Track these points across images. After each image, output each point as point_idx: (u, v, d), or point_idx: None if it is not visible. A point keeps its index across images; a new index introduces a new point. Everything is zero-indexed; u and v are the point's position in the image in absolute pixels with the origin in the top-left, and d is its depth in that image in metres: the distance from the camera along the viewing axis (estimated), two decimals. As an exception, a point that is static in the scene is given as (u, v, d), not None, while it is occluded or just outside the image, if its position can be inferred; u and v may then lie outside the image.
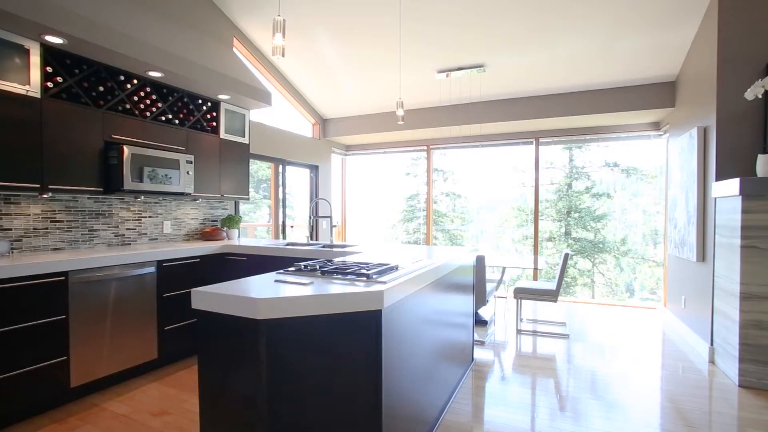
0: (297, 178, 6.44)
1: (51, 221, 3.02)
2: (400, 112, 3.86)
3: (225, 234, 4.17)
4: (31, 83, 2.62)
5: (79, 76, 2.92)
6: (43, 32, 2.55)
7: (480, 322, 4.43)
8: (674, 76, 4.60)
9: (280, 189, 5.80)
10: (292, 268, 1.95)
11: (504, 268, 4.64)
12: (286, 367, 1.45)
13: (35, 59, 2.63)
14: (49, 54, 2.74)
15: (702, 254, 3.68)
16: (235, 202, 4.71)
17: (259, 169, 6.80)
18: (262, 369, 1.41)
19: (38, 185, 2.66)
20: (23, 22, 2.41)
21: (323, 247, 3.51)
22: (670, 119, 4.89)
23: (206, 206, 4.31)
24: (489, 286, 4.16)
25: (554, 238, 8.27)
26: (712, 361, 3.40)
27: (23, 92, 2.58)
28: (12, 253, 2.79)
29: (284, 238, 5.82)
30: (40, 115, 2.67)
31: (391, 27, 4.29)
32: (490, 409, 2.60)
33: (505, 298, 5.70)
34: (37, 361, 2.44)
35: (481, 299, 3.85)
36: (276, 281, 1.68)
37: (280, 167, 5.79)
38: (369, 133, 6.49)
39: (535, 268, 4.38)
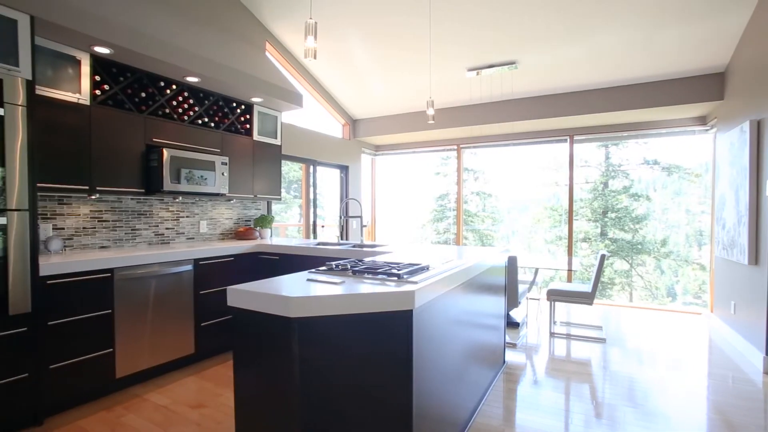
0: (327, 179, 6.53)
1: (98, 221, 3.20)
2: (431, 112, 3.83)
3: (258, 233, 4.28)
4: (82, 92, 2.78)
5: (124, 83, 3.08)
6: (92, 43, 2.71)
7: (512, 324, 4.34)
8: (723, 66, 4.34)
9: (311, 189, 5.89)
10: (324, 268, 1.98)
11: (536, 269, 4.52)
12: (318, 365, 1.47)
13: (85, 69, 2.80)
14: (98, 63, 2.91)
15: (755, 256, 3.46)
16: (268, 202, 4.82)
17: (290, 170, 6.94)
18: (295, 366, 1.44)
19: (87, 187, 2.83)
20: (76, 35, 2.57)
21: (353, 246, 3.54)
22: (718, 113, 4.62)
23: (240, 206, 4.44)
24: (521, 288, 4.07)
25: (589, 239, 7.99)
26: (767, 373, 3.19)
27: (75, 100, 2.74)
28: (65, 250, 2.97)
29: (315, 237, 5.91)
30: (89, 121, 2.83)
31: (421, 26, 4.27)
32: (521, 413, 2.54)
33: (538, 300, 5.56)
34: (88, 352, 2.59)
35: (513, 301, 3.78)
36: (308, 280, 1.71)
37: (311, 168, 5.88)
38: (398, 133, 6.49)
39: (569, 270, 4.25)
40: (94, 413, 2.53)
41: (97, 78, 2.91)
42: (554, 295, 4.11)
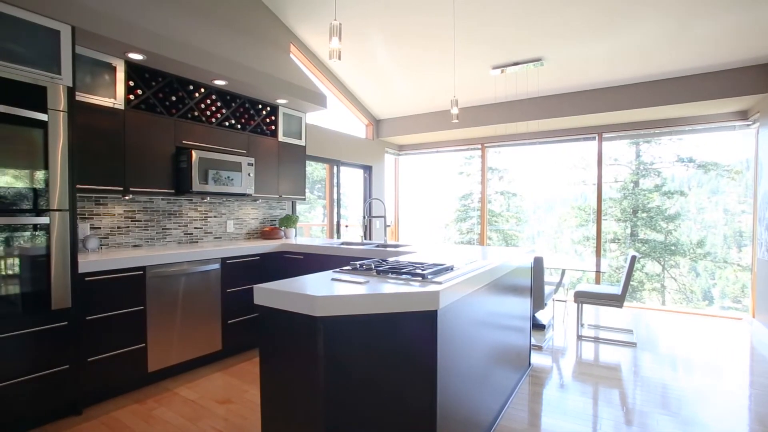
0: (351, 179, 6.57)
1: (131, 220, 3.33)
2: (455, 111, 3.80)
3: (283, 233, 4.35)
4: (117, 97, 2.90)
5: (156, 87, 3.19)
6: (127, 50, 2.82)
7: (537, 326, 4.26)
8: (766, 58, 4.11)
9: (335, 189, 5.94)
10: (348, 267, 1.99)
11: (563, 271, 4.42)
12: (342, 364, 1.48)
13: (120, 75, 2.92)
14: (131, 69, 3.02)
15: (798, 259, 3.27)
16: (292, 202, 4.90)
17: (314, 171, 7.02)
18: (319, 364, 1.46)
19: (121, 188, 2.94)
20: (112, 42, 2.68)
21: (377, 246, 3.55)
22: (761, 107, 4.39)
23: (265, 206, 4.52)
24: (547, 289, 3.99)
25: (619, 240, 7.74)
26: (810, 381, 3.01)
27: (111, 105, 2.86)
28: (101, 248, 3.10)
29: (339, 237, 5.96)
30: (123, 125, 2.94)
31: (445, 25, 4.24)
32: (547, 417, 2.49)
33: (565, 301, 5.43)
34: (122, 347, 2.70)
35: (538, 302, 3.70)
36: (332, 280, 1.73)
37: (335, 168, 5.94)
38: (422, 133, 6.47)
39: (598, 271, 4.13)
40: (128, 405, 2.63)
41: (131, 83, 3.03)
42: (582, 297, 4.01)
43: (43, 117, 2.29)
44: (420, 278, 1.73)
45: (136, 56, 2.91)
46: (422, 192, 8.42)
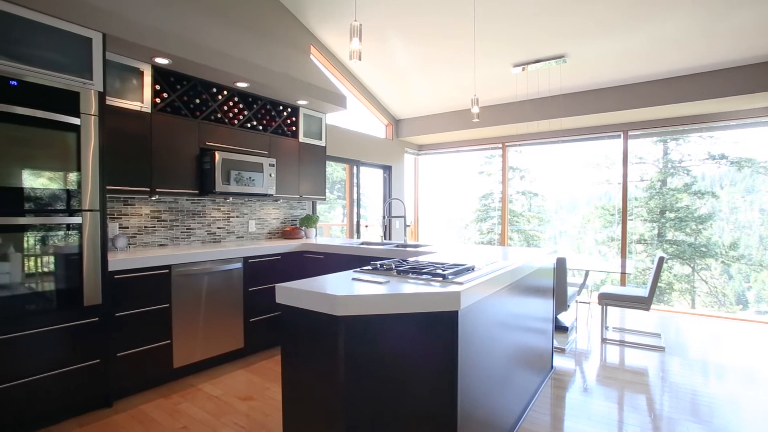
0: (370, 179, 6.59)
1: (157, 220, 3.42)
2: (476, 110, 3.77)
3: (303, 233, 4.40)
4: (144, 100, 2.99)
5: (181, 91, 3.27)
6: (154, 55, 2.90)
7: (560, 328, 4.18)
8: (804, 51, 3.92)
9: (355, 189, 5.97)
10: (369, 267, 2.00)
11: (587, 272, 4.32)
12: (363, 363, 1.49)
13: (147, 79, 3.01)
14: (158, 73, 3.11)
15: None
16: (313, 202, 4.94)
17: (333, 171, 7.07)
18: (340, 363, 1.47)
19: (148, 189, 3.03)
20: (140, 48, 2.77)
21: (397, 246, 3.55)
22: (797, 102, 4.19)
23: (286, 206, 4.58)
24: (570, 291, 3.91)
25: (645, 241, 7.51)
26: None
27: (138, 108, 2.96)
28: (129, 247, 3.21)
29: (358, 237, 5.99)
30: (150, 127, 3.03)
31: (464, 23, 4.20)
32: (570, 421, 2.44)
33: (588, 303, 5.30)
34: (149, 343, 2.79)
35: (561, 304, 3.63)
36: (353, 279, 1.74)
37: (355, 168, 5.97)
38: (442, 132, 6.44)
39: (623, 273, 4.02)
40: (155, 399, 2.71)
41: (157, 87, 3.12)
42: (606, 299, 3.91)
43: (76, 121, 2.39)
44: (441, 278, 1.72)
45: (162, 61, 3.00)
46: (442, 192, 8.36)
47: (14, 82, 2.17)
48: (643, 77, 4.72)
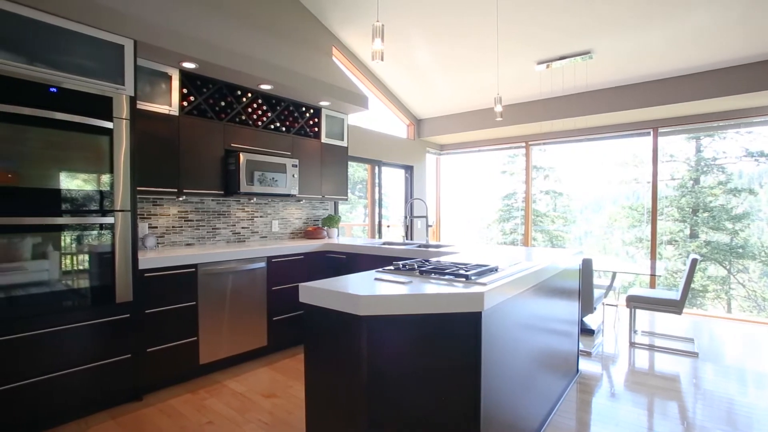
0: (392, 179, 6.59)
1: (184, 220, 3.52)
2: (499, 108, 3.72)
3: (325, 233, 4.44)
4: (172, 104, 3.08)
5: (207, 94, 3.35)
6: (181, 60, 2.99)
7: (586, 331, 4.07)
8: None
9: (376, 189, 5.99)
10: (391, 267, 2.00)
11: (614, 273, 4.19)
12: (386, 363, 1.49)
13: (175, 83, 3.10)
14: (185, 77, 3.20)
15: None
16: (335, 202, 4.98)
17: (355, 171, 7.11)
18: (363, 363, 1.48)
19: (176, 189, 3.12)
20: (169, 53, 2.86)
21: (419, 246, 3.54)
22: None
23: (309, 207, 4.64)
24: (596, 293, 3.81)
25: (676, 241, 7.23)
26: None
27: (166, 112, 3.05)
28: (158, 247, 3.31)
29: (380, 237, 6.00)
30: (177, 130, 3.12)
31: (487, 21, 4.15)
32: (597, 427, 2.37)
33: (616, 306, 5.15)
34: (177, 339, 2.87)
35: (587, 306, 3.54)
36: (376, 279, 1.74)
37: (376, 168, 5.98)
38: (464, 132, 6.38)
39: (653, 275, 3.89)
40: (182, 394, 2.79)
41: (185, 90, 3.21)
42: (635, 302, 3.79)
43: (109, 125, 2.48)
44: (464, 279, 1.70)
45: (189, 65, 3.08)
46: (464, 192, 8.29)
47: (54, 89, 2.28)
48: (673, 72, 4.55)
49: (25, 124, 2.18)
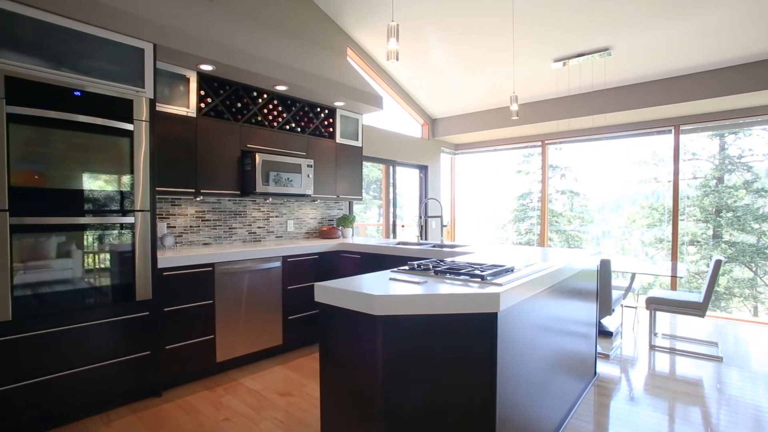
0: (406, 179, 6.58)
1: (202, 220, 3.58)
2: (515, 107, 3.67)
3: (340, 233, 4.46)
4: (190, 106, 3.14)
5: (223, 95, 3.40)
6: (199, 62, 3.04)
7: (604, 333, 4.00)
8: None
9: (391, 189, 5.98)
10: (406, 267, 2.00)
11: (633, 275, 4.11)
12: (401, 363, 1.49)
13: (193, 85, 3.15)
14: (202, 79, 3.25)
15: None
16: (349, 202, 5.00)
17: (369, 172, 7.12)
18: (378, 363, 1.48)
19: (193, 190, 3.18)
20: (187, 56, 2.91)
21: (434, 246, 3.52)
22: None
23: (323, 207, 4.66)
24: (615, 294, 3.73)
25: (698, 242, 7.03)
26: None
27: (184, 113, 3.10)
28: (176, 246, 3.37)
29: (394, 237, 6.00)
30: (195, 131, 3.18)
31: (503, 18, 4.11)
32: (615, 431, 2.33)
33: (635, 308, 5.04)
34: (194, 337, 2.92)
35: (605, 308, 3.47)
36: (391, 279, 1.74)
37: (391, 168, 5.98)
38: (479, 131, 6.33)
39: (674, 276, 3.79)
40: (200, 391, 2.83)
41: (202, 92, 3.26)
42: (655, 304, 3.70)
43: (129, 127, 2.54)
44: (479, 279, 1.69)
45: (206, 67, 3.13)
46: (479, 192, 8.22)
47: (78, 93, 2.34)
48: (696, 67, 4.43)
49: (51, 126, 2.25)
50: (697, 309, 3.50)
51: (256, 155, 3.44)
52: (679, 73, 4.57)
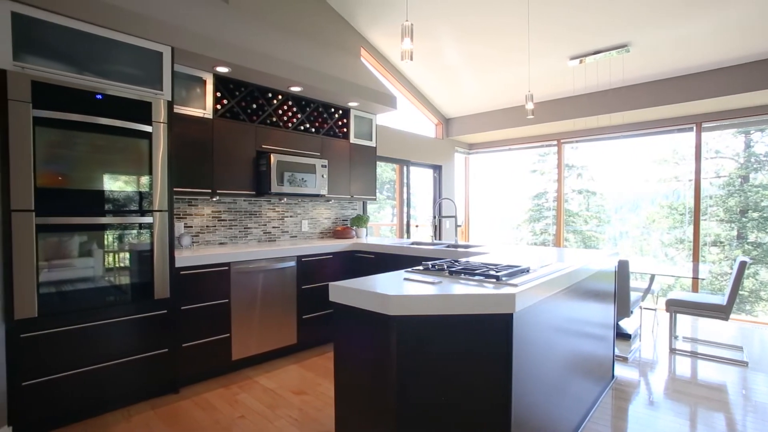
0: (420, 178, 6.56)
1: (218, 220, 3.63)
2: (530, 106, 3.63)
3: (354, 233, 4.47)
4: (206, 107, 3.19)
5: (239, 97, 3.44)
6: (215, 64, 3.08)
7: (622, 336, 3.92)
8: None
9: (405, 189, 5.98)
10: (420, 267, 1.99)
11: (652, 276, 4.01)
12: (415, 363, 1.48)
13: (209, 87, 3.20)
14: (218, 81, 3.30)
15: None
16: (363, 202, 5.01)
17: (383, 172, 7.12)
18: (392, 362, 1.47)
19: (210, 190, 3.22)
20: (204, 58, 2.95)
21: (448, 246, 3.51)
22: None
23: (338, 207, 4.68)
24: (633, 296, 3.65)
25: (722, 243, 6.83)
26: None
27: (201, 115, 3.15)
28: (193, 246, 3.43)
29: (408, 237, 5.99)
30: (211, 132, 3.22)
31: (518, 15, 4.06)
32: (637, 436, 2.28)
33: (654, 310, 4.93)
34: (210, 335, 2.96)
35: (623, 310, 3.40)
36: (405, 279, 1.74)
37: (405, 168, 5.97)
38: (493, 130, 6.28)
39: (695, 278, 3.69)
40: (216, 389, 2.87)
41: (218, 94, 3.31)
42: (676, 306, 3.61)
43: (148, 129, 2.59)
44: (494, 280, 1.67)
45: (222, 69, 3.18)
46: (493, 191, 8.15)
47: (99, 96, 2.40)
48: (721, 62, 4.31)
49: (74, 129, 2.31)
50: (721, 312, 3.40)
51: (271, 156, 3.48)
52: (702, 69, 4.45)
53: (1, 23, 2.08)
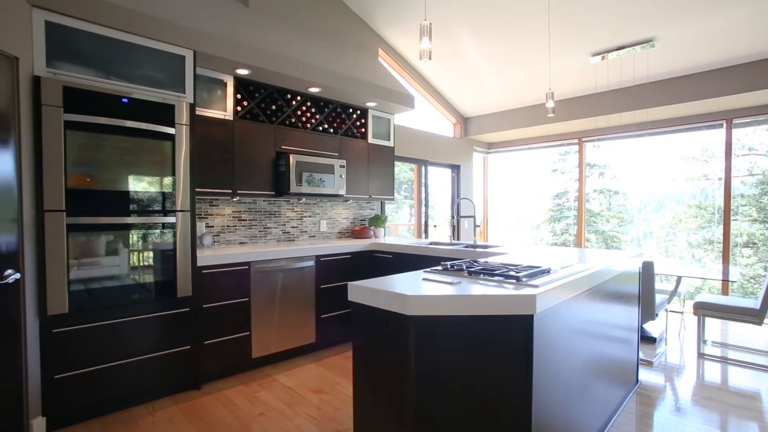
0: (438, 178, 6.53)
1: (238, 220, 3.69)
2: (550, 104, 3.57)
3: (372, 232, 4.48)
4: (227, 109, 3.24)
5: (259, 98, 3.49)
6: (236, 67, 3.14)
7: (647, 339, 3.81)
8: None
9: (423, 189, 5.96)
10: (439, 267, 1.98)
11: (679, 278, 3.89)
12: (434, 364, 1.48)
13: (230, 89, 3.26)
14: (239, 83, 3.36)
15: None
16: (381, 202, 5.02)
17: (400, 172, 7.11)
18: (411, 363, 1.47)
19: (230, 191, 3.28)
20: (224, 61, 3.01)
21: (467, 246, 3.48)
22: None
23: (356, 206, 4.70)
24: (658, 298, 3.55)
25: (755, 244, 6.56)
26: None
27: (222, 117, 3.21)
28: (214, 245, 3.50)
29: (426, 237, 5.97)
30: (232, 134, 3.28)
31: (537, 13, 3.99)
32: (663, 443, 2.21)
33: (681, 313, 4.77)
34: (231, 333, 3.01)
35: (648, 312, 3.31)
36: (424, 279, 1.73)
37: (423, 168, 5.95)
38: (512, 129, 6.19)
39: (726, 280, 3.56)
40: (236, 386, 2.92)
41: (238, 96, 3.37)
42: (704, 309, 3.48)
43: (171, 131, 2.66)
44: (514, 281, 1.65)
45: (243, 71, 3.23)
46: (512, 191, 8.04)
47: (125, 100, 2.47)
48: (750, 56, 4.14)
49: (101, 132, 2.39)
50: (754, 316, 3.27)
51: (290, 156, 3.51)
52: (731, 63, 4.28)
53: (36, 32, 2.17)
